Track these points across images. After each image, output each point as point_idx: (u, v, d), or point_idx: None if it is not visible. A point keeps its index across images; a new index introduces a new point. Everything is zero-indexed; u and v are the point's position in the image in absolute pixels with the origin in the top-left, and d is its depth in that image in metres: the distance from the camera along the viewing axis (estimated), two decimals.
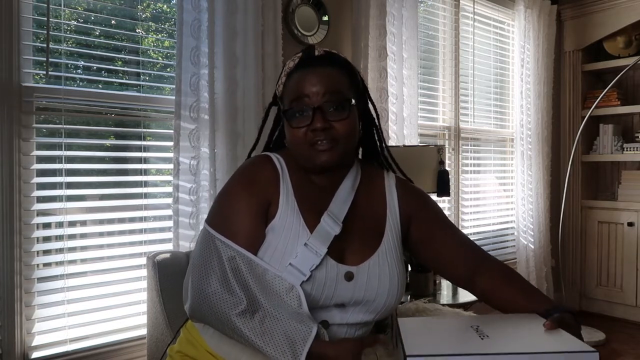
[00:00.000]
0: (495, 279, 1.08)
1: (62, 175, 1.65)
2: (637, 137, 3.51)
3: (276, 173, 1.05)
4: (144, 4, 1.88)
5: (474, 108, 3.16)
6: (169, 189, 1.84)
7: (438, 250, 1.12)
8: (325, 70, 1.02)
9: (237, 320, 0.91)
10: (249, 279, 0.94)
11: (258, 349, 0.90)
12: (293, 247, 0.98)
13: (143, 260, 1.78)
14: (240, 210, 1.01)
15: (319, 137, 0.99)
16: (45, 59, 1.61)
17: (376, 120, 1.16)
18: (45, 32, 1.61)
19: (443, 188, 2.08)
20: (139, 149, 1.84)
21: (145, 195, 1.84)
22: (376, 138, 1.17)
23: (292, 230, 1.00)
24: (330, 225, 1.00)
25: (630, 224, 3.42)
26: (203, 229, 1.03)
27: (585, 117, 3.27)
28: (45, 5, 1.60)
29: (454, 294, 2.15)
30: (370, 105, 1.14)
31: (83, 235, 1.73)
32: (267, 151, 1.14)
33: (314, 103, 0.99)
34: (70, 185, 1.67)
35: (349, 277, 1.00)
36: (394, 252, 1.07)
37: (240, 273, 0.95)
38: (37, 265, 1.62)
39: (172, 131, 1.78)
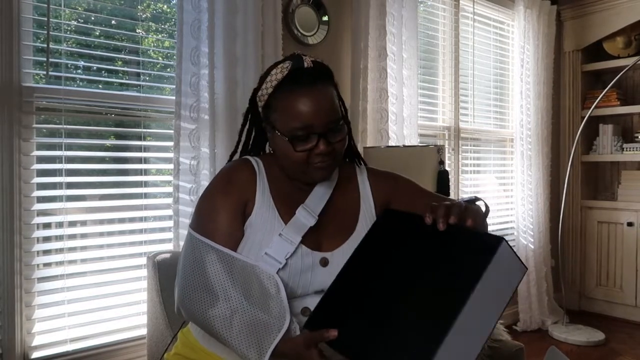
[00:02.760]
0: None
1: (62, 176, 1.66)
2: (637, 137, 3.51)
3: (253, 174, 1.08)
4: (144, 4, 1.88)
5: (474, 108, 3.16)
6: (169, 189, 1.84)
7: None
8: (321, 91, 1.01)
9: (212, 318, 0.95)
10: (226, 277, 0.98)
11: (229, 346, 0.94)
12: (269, 239, 1.02)
13: (143, 260, 1.78)
14: (217, 210, 1.05)
15: (323, 159, 1.02)
16: (45, 59, 1.62)
17: (344, 112, 1.14)
18: (46, 32, 1.61)
19: (443, 188, 2.07)
20: (139, 149, 1.84)
21: (145, 196, 1.85)
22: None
23: (267, 224, 1.04)
24: (305, 217, 1.05)
25: (630, 224, 3.42)
26: (187, 231, 1.07)
27: (585, 117, 3.27)
28: (46, 5, 1.60)
29: None
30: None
31: (83, 236, 1.74)
32: (246, 153, 1.16)
33: (318, 130, 1.00)
34: (70, 186, 1.68)
35: (324, 262, 1.04)
36: None
37: (218, 271, 0.98)
38: (37, 265, 1.63)
39: (172, 131, 1.78)
